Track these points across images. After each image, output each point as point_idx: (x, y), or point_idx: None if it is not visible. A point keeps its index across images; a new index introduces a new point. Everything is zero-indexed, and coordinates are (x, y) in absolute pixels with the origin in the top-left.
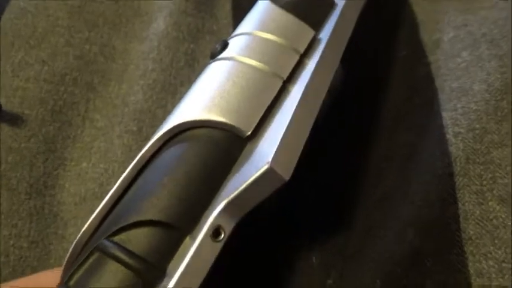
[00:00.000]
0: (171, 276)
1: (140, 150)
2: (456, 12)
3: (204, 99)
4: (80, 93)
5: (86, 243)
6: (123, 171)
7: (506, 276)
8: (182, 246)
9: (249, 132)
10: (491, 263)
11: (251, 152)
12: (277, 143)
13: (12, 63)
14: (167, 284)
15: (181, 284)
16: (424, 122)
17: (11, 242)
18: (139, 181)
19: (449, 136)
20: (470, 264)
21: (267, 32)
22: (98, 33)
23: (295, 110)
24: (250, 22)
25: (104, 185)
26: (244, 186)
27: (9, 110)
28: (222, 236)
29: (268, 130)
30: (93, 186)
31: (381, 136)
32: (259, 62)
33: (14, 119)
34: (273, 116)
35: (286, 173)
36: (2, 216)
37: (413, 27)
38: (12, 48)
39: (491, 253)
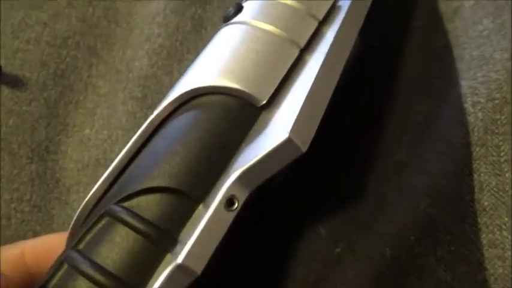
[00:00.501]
0: (184, 244)
1: (145, 117)
2: None
3: (218, 64)
4: (82, 58)
5: (93, 208)
6: (127, 139)
7: None
8: (195, 214)
9: (265, 101)
10: (505, 233)
11: (266, 121)
12: (296, 114)
13: (12, 24)
14: (180, 251)
15: (193, 252)
16: (441, 90)
17: (13, 206)
18: (149, 147)
19: (468, 106)
20: (483, 235)
21: None
22: None
23: (314, 81)
24: None
25: (107, 152)
26: (261, 156)
27: (9, 71)
28: (236, 205)
29: (285, 100)
30: (96, 152)
31: (398, 105)
32: (276, 27)
33: (14, 82)
34: (289, 85)
35: (305, 144)
36: (3, 180)
37: None
38: (12, 8)
39: (505, 224)
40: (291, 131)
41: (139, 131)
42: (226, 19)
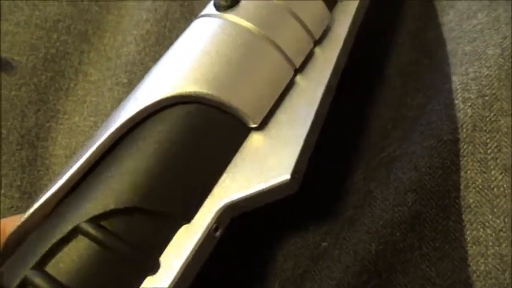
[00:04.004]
0: (169, 268)
1: None
2: None
3: (207, 67)
4: (73, 43)
5: (48, 216)
6: None
7: (503, 244)
8: (176, 237)
9: (258, 124)
10: (488, 231)
11: (257, 146)
12: (297, 154)
13: (1, 6)
14: (166, 276)
15: (181, 278)
16: (433, 84)
17: (2, 191)
18: (122, 158)
19: (458, 101)
20: (467, 232)
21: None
22: None
23: (314, 116)
24: None
25: None
26: (255, 191)
27: None
28: (220, 231)
29: (279, 126)
30: (83, 139)
31: (389, 98)
32: (276, 40)
33: (3, 65)
34: (282, 109)
35: (299, 183)
36: None
37: None
38: None
39: (489, 222)
40: (293, 172)
41: (106, 134)
42: (219, 6)
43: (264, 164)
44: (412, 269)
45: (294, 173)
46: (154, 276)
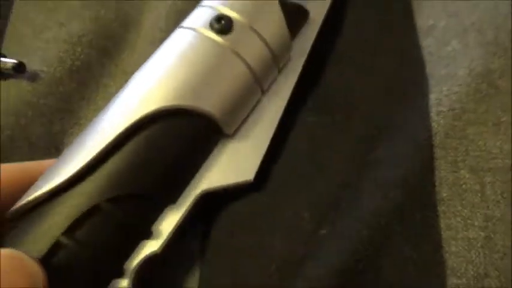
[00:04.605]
0: (161, 235)
1: None
2: None
3: (192, 82)
4: (95, 57)
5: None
6: None
7: (470, 230)
8: (164, 213)
9: (231, 133)
10: (458, 219)
11: (227, 149)
12: (260, 160)
13: (33, 26)
14: (158, 241)
15: (169, 243)
16: (413, 100)
17: None
18: (125, 153)
19: (433, 114)
20: (441, 220)
21: (263, 29)
22: (112, 0)
23: (274, 131)
24: (247, 6)
25: None
26: (224, 184)
27: (30, 68)
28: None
29: (246, 136)
30: None
31: (374, 107)
32: (252, 64)
33: (33, 76)
34: (249, 123)
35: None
36: None
37: (410, 9)
38: (31, 11)
39: (459, 212)
40: (255, 174)
41: (121, 123)
42: (211, 25)
43: (233, 164)
44: (396, 250)
45: (257, 175)
46: (148, 241)
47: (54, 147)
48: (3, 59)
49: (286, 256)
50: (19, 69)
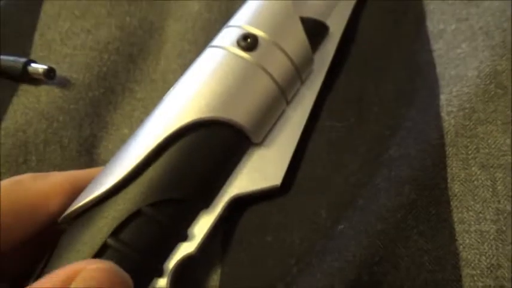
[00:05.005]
0: (195, 238)
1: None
2: (461, 5)
3: (228, 97)
4: (121, 63)
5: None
6: None
7: (482, 223)
8: (199, 217)
9: (259, 141)
10: (471, 213)
11: (256, 157)
12: (285, 167)
13: (60, 33)
14: (193, 243)
15: (203, 244)
16: (424, 101)
17: None
18: (164, 160)
19: (444, 114)
20: (454, 214)
21: (286, 44)
22: (137, 8)
23: (298, 140)
24: (271, 24)
25: None
26: (253, 189)
27: (59, 74)
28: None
29: (273, 145)
30: None
31: (386, 109)
32: (277, 78)
33: (64, 82)
34: (275, 132)
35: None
36: (56, 169)
37: (421, 16)
38: (59, 18)
39: (471, 206)
40: (282, 179)
41: (159, 134)
42: (238, 43)
43: (261, 170)
44: (412, 243)
45: (283, 180)
46: (184, 243)
47: (85, 150)
48: (34, 65)
49: (304, 251)
50: (49, 75)
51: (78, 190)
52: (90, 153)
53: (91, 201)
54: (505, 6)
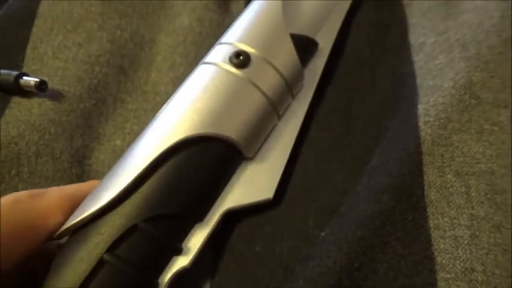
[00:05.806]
0: (190, 251)
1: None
2: (440, 18)
3: (219, 112)
4: (112, 74)
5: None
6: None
7: (457, 229)
8: (193, 230)
9: (251, 156)
10: (446, 219)
11: (248, 171)
12: (277, 181)
13: (52, 47)
14: (188, 256)
15: (197, 258)
16: (406, 111)
17: None
18: (158, 176)
19: (421, 124)
20: (430, 220)
21: (277, 61)
22: (128, 22)
23: (289, 154)
24: (263, 42)
25: None
26: (246, 203)
27: (51, 87)
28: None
29: (264, 159)
30: None
31: (372, 119)
32: (269, 94)
33: (56, 95)
34: (267, 146)
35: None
36: (48, 181)
37: (405, 29)
38: (51, 32)
39: (446, 213)
40: (274, 192)
41: (154, 151)
42: (230, 60)
43: (253, 184)
44: (390, 249)
45: (275, 193)
46: (179, 256)
47: (76, 161)
48: (25, 78)
49: (292, 259)
50: (41, 87)
51: (75, 205)
52: (82, 164)
53: (87, 217)
54: (481, 18)
